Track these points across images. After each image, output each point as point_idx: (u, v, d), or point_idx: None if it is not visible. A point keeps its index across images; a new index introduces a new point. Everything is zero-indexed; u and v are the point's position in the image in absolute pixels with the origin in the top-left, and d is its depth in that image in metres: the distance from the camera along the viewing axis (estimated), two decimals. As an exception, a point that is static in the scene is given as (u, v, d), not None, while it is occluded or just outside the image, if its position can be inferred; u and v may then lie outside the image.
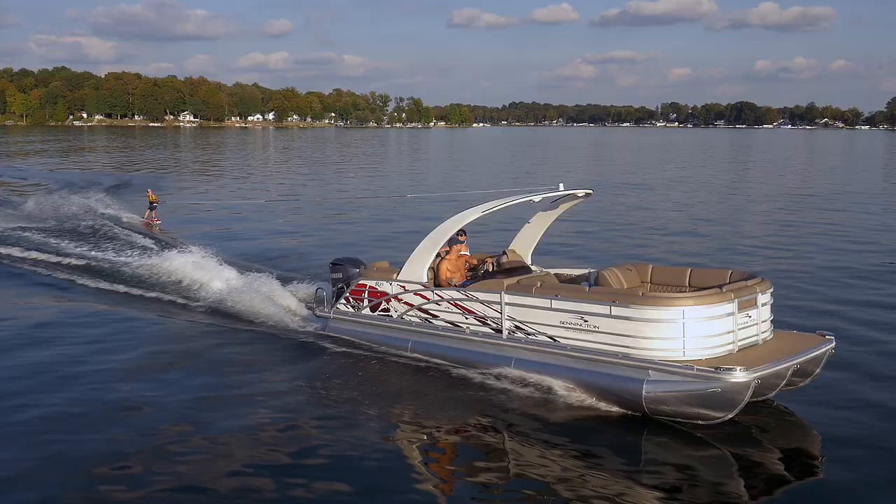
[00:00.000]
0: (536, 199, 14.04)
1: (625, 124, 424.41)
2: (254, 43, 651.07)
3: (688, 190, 49.79)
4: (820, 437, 11.05)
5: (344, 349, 14.57)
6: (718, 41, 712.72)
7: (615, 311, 11.47)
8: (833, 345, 11.84)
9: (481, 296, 13.05)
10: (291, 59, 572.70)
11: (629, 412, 11.42)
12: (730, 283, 12.06)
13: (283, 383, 13.06)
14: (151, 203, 31.04)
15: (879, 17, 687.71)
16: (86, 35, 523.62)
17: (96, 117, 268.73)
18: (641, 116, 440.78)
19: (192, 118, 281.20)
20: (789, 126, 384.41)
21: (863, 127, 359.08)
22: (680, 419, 11.10)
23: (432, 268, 14.31)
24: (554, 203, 15.01)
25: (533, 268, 14.91)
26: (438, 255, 14.31)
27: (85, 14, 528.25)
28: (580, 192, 14.78)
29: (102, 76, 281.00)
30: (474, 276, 14.48)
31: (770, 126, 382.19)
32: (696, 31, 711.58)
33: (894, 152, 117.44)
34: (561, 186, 14.32)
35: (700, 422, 10.96)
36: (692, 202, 42.21)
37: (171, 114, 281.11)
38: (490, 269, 14.49)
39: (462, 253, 14.78)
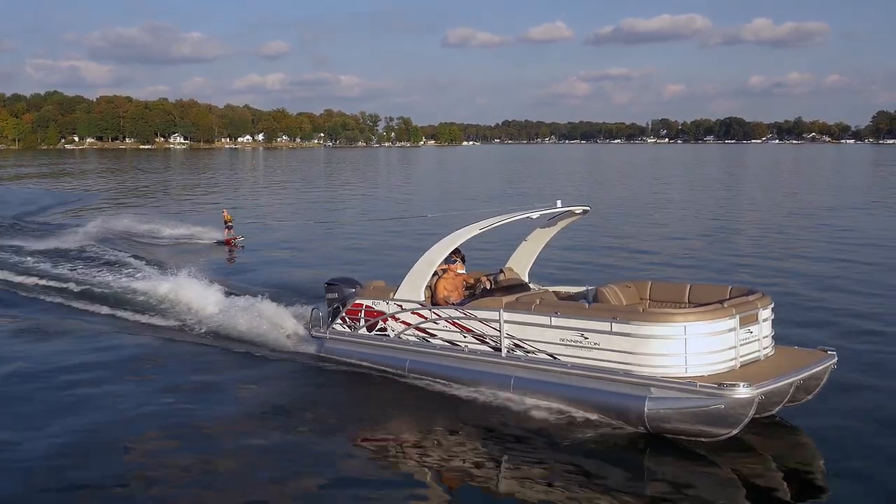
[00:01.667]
0: (534, 216, 13.96)
1: (616, 141, 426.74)
2: (250, 64, 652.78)
3: (677, 206, 49.86)
4: (824, 453, 10.93)
5: (340, 369, 14.46)
6: (713, 57, 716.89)
7: (616, 327, 11.37)
8: (835, 360, 11.73)
9: (480, 314, 12.93)
10: (287, 80, 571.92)
11: (631, 429, 11.29)
12: (730, 298, 11.97)
13: (279, 404, 12.92)
14: (227, 223, 31.96)
15: (872, 31, 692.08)
16: (82, 59, 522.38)
17: (87, 140, 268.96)
18: (632, 133, 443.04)
19: (182, 140, 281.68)
20: (777, 141, 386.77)
21: (848, 141, 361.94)
22: (683, 436, 10.98)
23: (429, 286, 14.19)
24: (551, 220, 14.92)
25: (530, 285, 14.79)
26: (435, 273, 14.21)
27: (81, 38, 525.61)
28: (578, 209, 14.70)
29: (94, 100, 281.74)
30: (472, 294, 14.37)
31: (758, 141, 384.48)
32: (690, 47, 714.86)
33: (853, 165, 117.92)
34: (559, 203, 14.25)
35: (703, 439, 10.84)
36: (680, 219, 42.23)
37: (161, 136, 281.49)
38: (488, 287, 14.38)
39: (459, 271, 14.66)
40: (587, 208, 14.87)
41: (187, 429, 11.87)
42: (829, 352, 11.88)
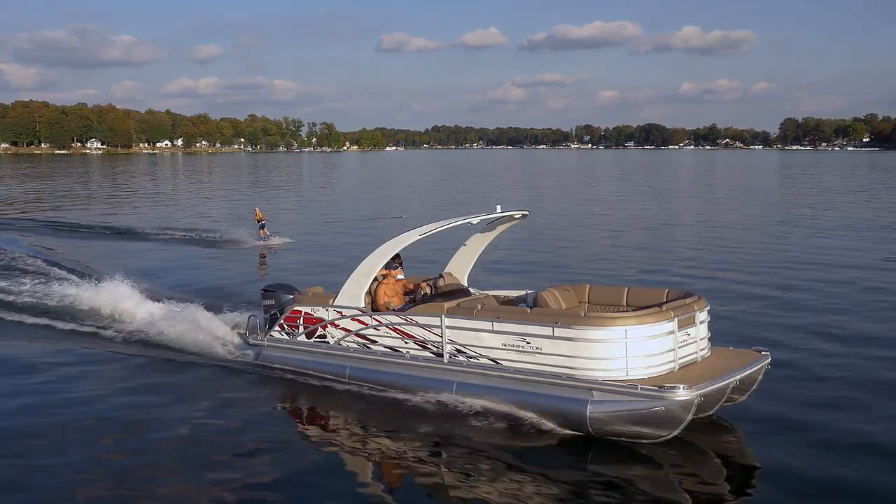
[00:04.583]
0: (475, 220, 14.01)
1: (541, 146, 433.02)
2: (182, 68, 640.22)
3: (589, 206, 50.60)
4: (758, 451, 11.19)
5: (279, 377, 14.27)
6: (644, 64, 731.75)
7: (557, 332, 11.46)
8: (769, 360, 12.05)
9: (421, 320, 12.89)
10: (221, 84, 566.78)
11: (573, 433, 11.40)
12: (668, 301, 12.19)
13: (216, 414, 12.67)
14: (259, 221, 31.95)
15: (796, 40, 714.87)
16: (7, 62, 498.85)
17: (2, 145, 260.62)
18: (557, 138, 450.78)
19: (99, 145, 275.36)
20: (693, 147, 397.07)
21: (757, 147, 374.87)
22: (624, 438, 11.14)
23: (369, 292, 14.11)
24: (490, 224, 15.00)
25: (471, 290, 14.83)
26: (375, 279, 14.14)
27: (6, 40, 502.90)
28: (517, 214, 14.81)
29: (9, 104, 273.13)
30: (412, 299, 14.34)
31: (675, 147, 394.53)
32: (621, 54, 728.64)
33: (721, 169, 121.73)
34: (498, 208, 14.33)
35: (645, 441, 11.01)
36: (600, 222, 42.89)
37: (78, 141, 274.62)
38: (428, 293, 14.36)
39: (399, 277, 14.63)
40: (526, 213, 15.00)
41: (117, 439, 11.64)
42: (762, 352, 12.18)
